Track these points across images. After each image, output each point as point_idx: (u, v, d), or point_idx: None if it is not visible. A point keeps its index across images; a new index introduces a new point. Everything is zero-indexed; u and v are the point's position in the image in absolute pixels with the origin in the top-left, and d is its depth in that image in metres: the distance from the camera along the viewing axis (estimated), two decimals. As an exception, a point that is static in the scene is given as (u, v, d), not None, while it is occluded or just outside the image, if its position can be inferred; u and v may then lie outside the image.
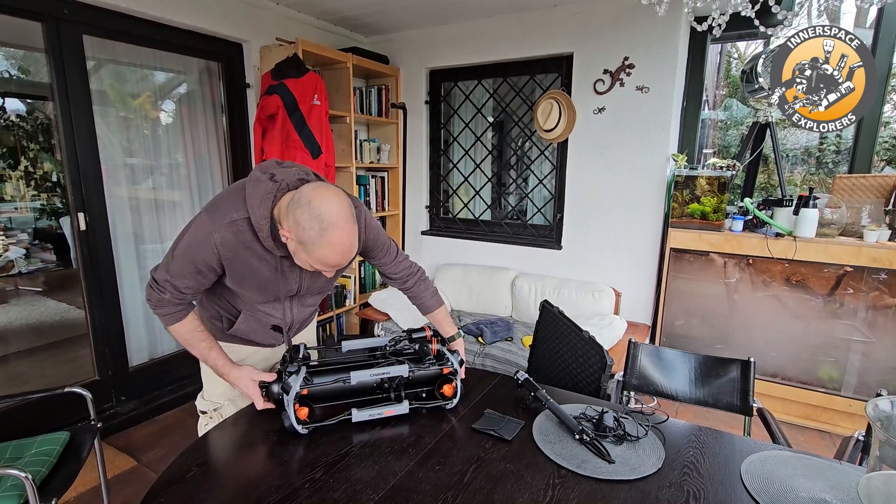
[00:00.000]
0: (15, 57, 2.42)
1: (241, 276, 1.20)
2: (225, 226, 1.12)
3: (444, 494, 1.00)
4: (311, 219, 1.03)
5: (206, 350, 1.28)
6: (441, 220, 3.87)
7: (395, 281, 1.49)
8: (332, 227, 1.03)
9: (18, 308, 2.64)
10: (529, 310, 3.18)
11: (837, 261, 2.41)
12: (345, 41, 3.53)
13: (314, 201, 1.03)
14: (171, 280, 1.17)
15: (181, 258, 1.15)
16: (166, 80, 2.84)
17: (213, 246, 1.13)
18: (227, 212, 1.13)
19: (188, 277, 1.17)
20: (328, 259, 1.08)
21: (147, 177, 2.76)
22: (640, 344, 1.84)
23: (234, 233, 1.13)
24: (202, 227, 1.13)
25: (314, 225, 1.03)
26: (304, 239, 1.05)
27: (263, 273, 1.21)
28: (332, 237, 1.04)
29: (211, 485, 1.05)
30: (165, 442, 2.46)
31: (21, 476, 1.37)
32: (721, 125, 3.71)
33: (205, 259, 1.14)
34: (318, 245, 1.04)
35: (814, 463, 1.11)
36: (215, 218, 1.13)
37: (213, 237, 1.12)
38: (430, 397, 1.35)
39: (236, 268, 1.18)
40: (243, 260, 1.17)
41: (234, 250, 1.15)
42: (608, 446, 1.15)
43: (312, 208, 1.03)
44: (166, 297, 1.19)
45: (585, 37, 2.95)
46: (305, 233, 1.04)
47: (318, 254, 1.06)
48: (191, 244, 1.14)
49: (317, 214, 1.03)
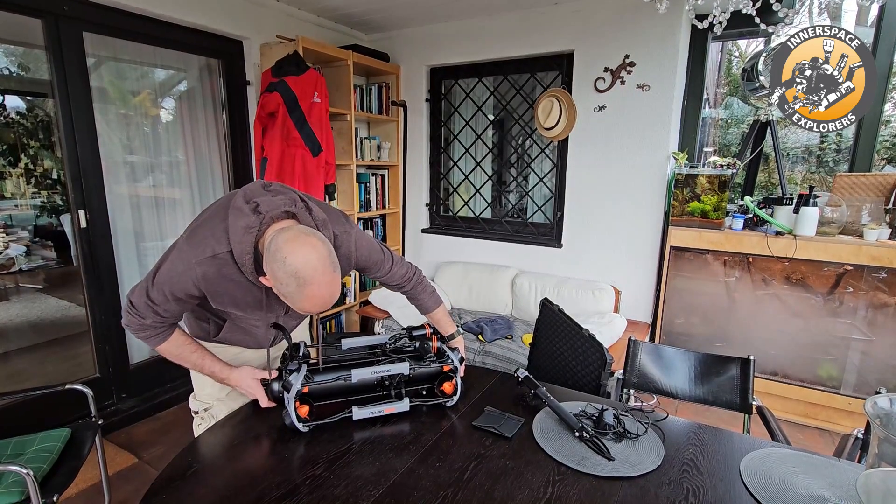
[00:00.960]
0: (15, 54, 2.42)
1: (224, 304, 1.18)
2: (206, 260, 1.09)
3: (444, 491, 1.00)
4: (286, 276, 0.99)
5: (198, 360, 1.27)
6: (441, 218, 3.87)
7: (392, 287, 1.49)
8: (308, 283, 1.00)
9: (19, 305, 2.64)
10: (529, 308, 3.19)
11: (837, 259, 2.41)
12: (345, 38, 3.52)
13: (289, 258, 0.99)
14: (152, 306, 1.14)
15: (161, 287, 1.12)
16: (166, 77, 2.84)
17: (193, 279, 1.10)
18: (208, 244, 1.09)
19: (169, 304, 1.14)
20: (310, 310, 1.07)
21: (147, 174, 2.76)
22: (639, 342, 1.84)
23: (217, 266, 1.10)
24: (182, 259, 1.10)
25: (291, 282, 1.00)
26: (283, 293, 1.03)
27: (248, 302, 1.20)
28: (309, 292, 1.01)
29: (212, 482, 1.05)
30: (166, 439, 2.46)
31: (22, 472, 1.38)
32: (722, 123, 3.71)
33: (185, 290, 1.12)
34: (296, 299, 1.03)
35: (813, 460, 1.11)
36: (196, 251, 1.09)
37: (194, 271, 1.09)
38: (430, 395, 1.36)
39: (219, 298, 1.16)
40: (226, 291, 1.15)
41: (215, 283, 1.12)
42: (608, 444, 1.15)
43: (287, 266, 0.99)
44: (147, 322, 1.17)
45: (586, 34, 2.94)
46: (284, 287, 1.02)
47: (298, 306, 1.05)
48: (171, 275, 1.11)
49: (292, 272, 0.99)
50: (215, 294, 1.14)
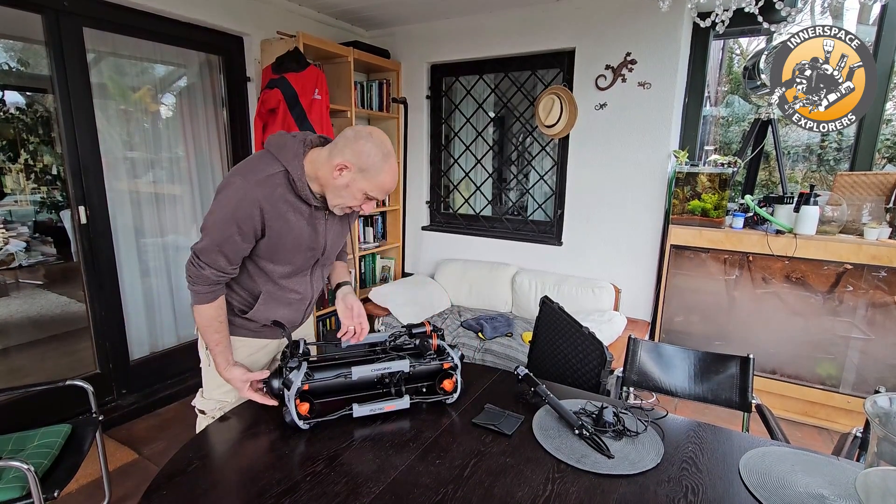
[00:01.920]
0: (14, 49, 2.41)
1: (278, 234, 1.25)
2: (263, 180, 1.19)
3: (444, 488, 1.00)
4: (375, 147, 1.18)
5: (216, 341, 1.30)
6: (441, 215, 3.86)
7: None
8: (390, 156, 1.21)
9: (19, 301, 2.64)
10: (529, 305, 3.19)
11: (837, 258, 2.41)
12: (346, 35, 3.51)
13: (374, 134, 1.19)
14: (213, 247, 1.20)
15: (223, 223, 1.18)
16: (166, 73, 2.83)
17: (255, 201, 1.17)
18: (262, 170, 1.20)
19: (229, 242, 1.20)
20: (387, 182, 1.22)
21: (147, 170, 2.75)
22: (639, 340, 1.84)
23: (273, 186, 1.20)
24: (241, 188, 1.17)
25: (378, 152, 1.18)
26: (367, 165, 1.18)
27: (299, 227, 1.27)
28: (391, 164, 1.22)
29: (212, 477, 1.05)
30: (166, 435, 2.47)
31: (23, 468, 1.38)
32: (723, 122, 3.70)
33: (247, 217, 1.18)
34: (381, 170, 1.19)
35: (812, 459, 1.11)
36: (250, 176, 1.18)
37: (254, 192, 1.17)
38: (430, 392, 1.36)
39: (275, 225, 1.23)
40: (281, 213, 1.22)
41: (274, 203, 1.20)
42: (607, 441, 1.16)
43: (374, 139, 1.18)
44: (206, 273, 1.22)
45: (587, 32, 2.94)
46: (371, 159, 1.17)
47: (379, 178, 1.20)
48: (231, 204, 1.17)
49: (379, 143, 1.19)
50: (273, 219, 1.21)
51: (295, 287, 1.38)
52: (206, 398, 1.46)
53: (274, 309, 1.38)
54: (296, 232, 1.27)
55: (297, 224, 1.26)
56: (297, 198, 1.24)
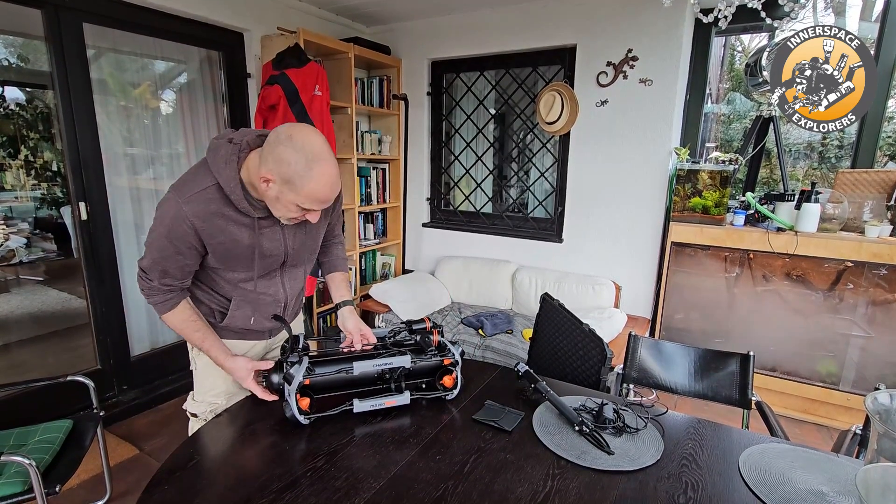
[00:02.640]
0: (14, 45, 2.40)
1: (223, 247, 1.18)
2: (194, 196, 1.10)
3: (444, 484, 1.00)
4: (295, 153, 1.01)
5: (200, 339, 1.27)
6: (442, 212, 3.86)
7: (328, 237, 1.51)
8: (317, 160, 1.02)
9: (20, 297, 2.65)
10: (530, 302, 3.19)
11: (838, 256, 2.41)
12: (346, 31, 3.50)
13: (294, 136, 1.02)
14: (155, 265, 1.15)
15: (158, 241, 1.13)
16: (167, 69, 2.82)
17: (185, 219, 1.10)
18: (193, 183, 1.11)
19: (169, 260, 1.15)
20: (318, 192, 1.05)
21: (148, 166, 2.75)
22: (639, 337, 1.84)
23: (205, 202, 1.11)
24: (172, 204, 1.11)
25: (300, 158, 1.01)
26: (289, 176, 1.02)
27: (244, 239, 1.18)
28: (320, 169, 1.03)
29: (213, 473, 1.05)
30: (167, 431, 2.47)
31: (25, 463, 1.39)
32: (724, 119, 3.69)
33: (182, 236, 1.12)
34: (306, 178, 1.02)
35: (811, 455, 1.11)
36: (182, 192, 1.11)
37: (183, 210, 1.09)
38: (430, 388, 1.36)
39: (216, 240, 1.15)
40: (220, 229, 1.14)
41: (208, 220, 1.12)
42: (607, 438, 1.16)
43: (294, 142, 1.01)
44: (154, 285, 1.18)
45: (589, 28, 2.93)
46: (291, 168, 1.01)
47: (307, 189, 1.04)
48: (164, 223, 1.12)
49: (300, 147, 1.01)
50: (211, 234, 1.14)
51: (264, 290, 1.32)
52: (197, 401, 1.43)
53: (249, 312, 1.33)
54: (243, 245, 1.19)
55: (241, 237, 1.18)
56: (236, 211, 1.14)
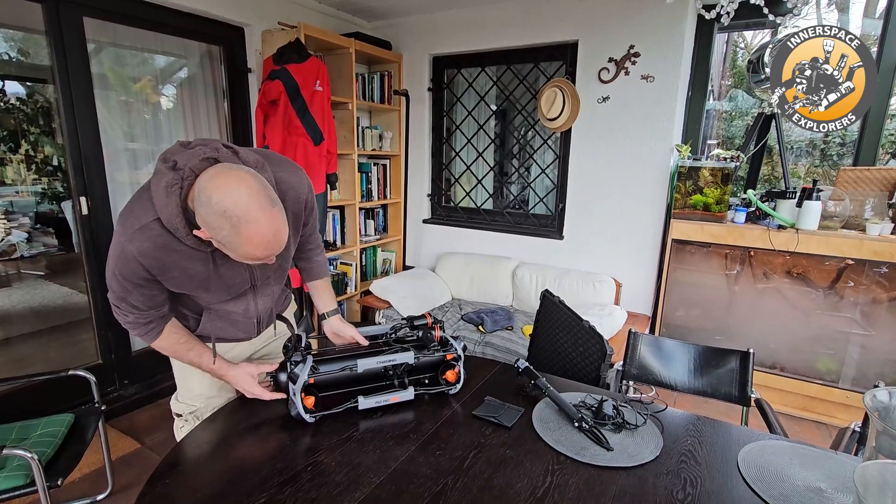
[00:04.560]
0: (15, 39, 2.39)
1: (177, 281, 1.09)
2: (136, 233, 0.99)
3: (444, 479, 1.01)
4: (217, 217, 0.89)
5: (196, 358, 1.23)
6: (443, 208, 3.86)
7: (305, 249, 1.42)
8: (245, 221, 0.90)
9: (21, 292, 2.64)
10: (530, 299, 3.19)
11: (839, 253, 2.41)
12: (347, 26, 3.49)
13: (214, 196, 0.89)
14: (122, 301, 1.09)
15: (115, 278, 1.05)
16: (167, 63, 2.82)
17: (133, 258, 1.01)
18: (136, 218, 1.00)
19: (132, 294, 1.07)
20: (253, 254, 0.96)
21: (149, 162, 2.75)
22: (639, 334, 1.85)
23: (148, 238, 1.00)
24: (117, 241, 1.02)
25: (224, 224, 0.90)
26: (220, 240, 0.94)
27: (199, 272, 1.09)
28: (246, 232, 0.91)
29: (214, 467, 1.06)
30: (168, 425, 2.47)
31: (27, 456, 1.40)
32: (726, 116, 3.68)
33: (134, 273, 1.03)
34: (236, 244, 0.93)
35: (810, 453, 1.12)
36: (125, 227, 1.00)
37: (128, 249, 1.00)
38: (432, 383, 1.36)
39: (168, 274, 1.06)
40: (171, 264, 1.04)
41: (156, 257, 1.02)
42: (607, 434, 1.16)
43: (214, 206, 0.89)
44: (130, 319, 1.12)
45: (591, 24, 2.91)
46: (218, 233, 0.92)
47: (241, 251, 0.95)
48: (114, 261, 1.03)
49: (221, 212, 0.89)
50: (162, 271, 1.05)
51: (234, 309, 1.26)
52: (179, 401, 1.43)
53: (221, 326, 1.28)
54: (200, 278, 1.10)
55: (196, 271, 1.08)
56: (185, 245, 1.02)
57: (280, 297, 1.42)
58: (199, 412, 1.38)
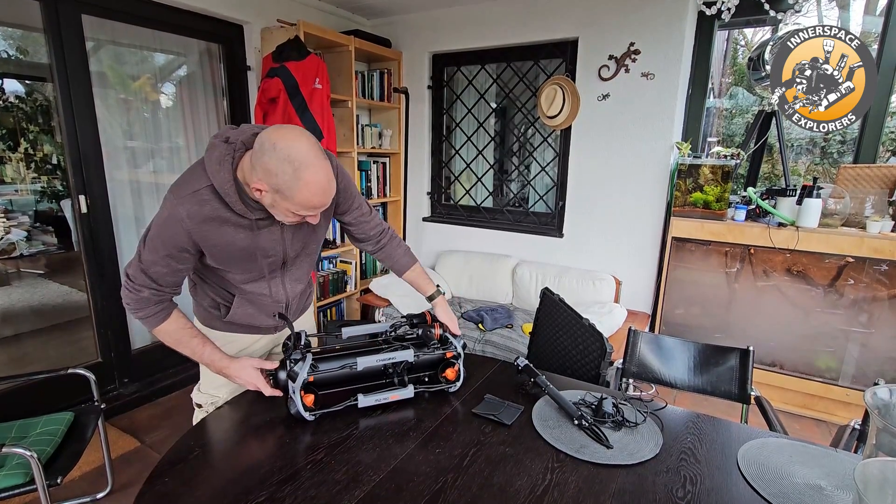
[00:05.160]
0: (13, 37, 2.39)
1: (219, 250, 1.15)
2: (188, 197, 1.08)
3: (443, 477, 1.01)
4: (280, 162, 0.98)
5: (198, 347, 1.23)
6: (442, 206, 3.85)
7: (368, 241, 1.45)
8: (304, 166, 0.99)
9: (21, 290, 2.64)
10: (530, 297, 3.19)
11: (839, 251, 2.41)
12: (346, 24, 3.48)
13: (279, 143, 0.98)
14: (146, 271, 1.11)
15: (151, 242, 1.10)
16: (166, 61, 2.81)
17: (180, 221, 1.08)
18: (188, 184, 1.09)
19: (161, 264, 1.11)
20: (310, 200, 1.03)
21: (148, 160, 2.75)
22: (639, 332, 1.85)
23: (199, 203, 1.08)
24: (167, 205, 1.10)
25: (286, 168, 0.98)
26: (279, 186, 1.00)
27: (240, 241, 1.16)
28: (308, 177, 1.00)
29: (214, 465, 1.06)
30: (168, 424, 2.49)
31: (27, 455, 1.39)
32: (726, 113, 3.68)
33: (175, 239, 1.09)
34: (296, 188, 1.00)
35: (810, 450, 1.12)
36: (177, 192, 1.09)
37: (178, 212, 1.08)
38: (432, 381, 1.36)
39: (211, 242, 1.13)
40: (216, 231, 1.12)
41: (203, 222, 1.10)
42: (607, 432, 1.16)
43: (278, 151, 0.98)
44: (144, 295, 1.13)
45: (591, 21, 2.91)
46: (279, 178, 0.99)
47: (299, 197, 1.02)
48: (159, 224, 1.10)
49: (285, 157, 0.98)
50: (206, 237, 1.11)
51: (262, 291, 1.31)
52: (202, 392, 1.46)
53: (251, 312, 1.33)
54: (238, 245, 1.16)
55: (237, 238, 1.15)
56: (232, 212, 1.11)
57: (303, 292, 1.45)
58: (220, 403, 1.39)
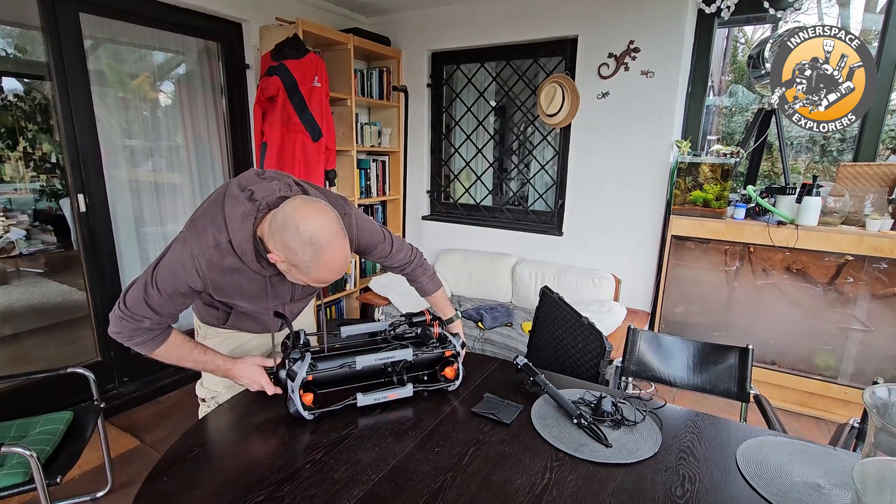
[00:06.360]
0: (11, 35, 2.38)
1: (229, 293, 1.17)
2: (210, 249, 1.07)
3: (442, 476, 1.01)
4: (302, 244, 0.99)
5: (201, 357, 1.24)
6: (442, 205, 3.85)
7: (394, 269, 1.50)
8: (325, 248, 1.00)
9: (20, 289, 2.64)
10: (529, 296, 3.19)
11: (839, 249, 2.41)
12: (345, 22, 3.47)
13: (301, 224, 0.98)
14: (150, 303, 1.10)
15: (162, 281, 1.08)
16: (165, 60, 2.80)
17: (197, 269, 1.08)
18: (210, 234, 1.08)
19: (169, 302, 1.11)
20: (327, 278, 1.06)
21: (147, 159, 2.74)
22: (639, 330, 1.85)
23: (220, 255, 1.08)
24: (186, 249, 1.08)
25: (307, 249, 0.99)
26: (297, 263, 1.02)
27: (252, 290, 1.19)
28: (327, 258, 1.01)
29: (213, 464, 1.06)
30: (167, 422, 2.49)
31: (26, 454, 1.40)
32: (726, 111, 3.67)
33: (189, 283, 1.09)
34: (314, 268, 1.02)
35: (808, 449, 1.12)
36: (199, 241, 1.08)
37: (197, 261, 1.07)
38: (431, 380, 1.36)
39: (224, 288, 1.15)
40: (230, 279, 1.13)
41: (219, 274, 1.11)
42: (606, 430, 1.16)
43: (301, 233, 0.98)
44: (144, 326, 1.12)
45: (591, 19, 2.90)
46: (298, 257, 1.00)
47: (314, 275, 1.04)
48: (174, 267, 1.08)
49: (307, 239, 0.98)
50: (219, 286, 1.13)
51: (263, 316, 1.35)
52: (204, 386, 1.48)
53: (248, 325, 1.38)
54: (248, 293, 1.19)
55: (251, 287, 1.18)
56: (247, 268, 1.12)
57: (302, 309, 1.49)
58: (220, 397, 1.44)
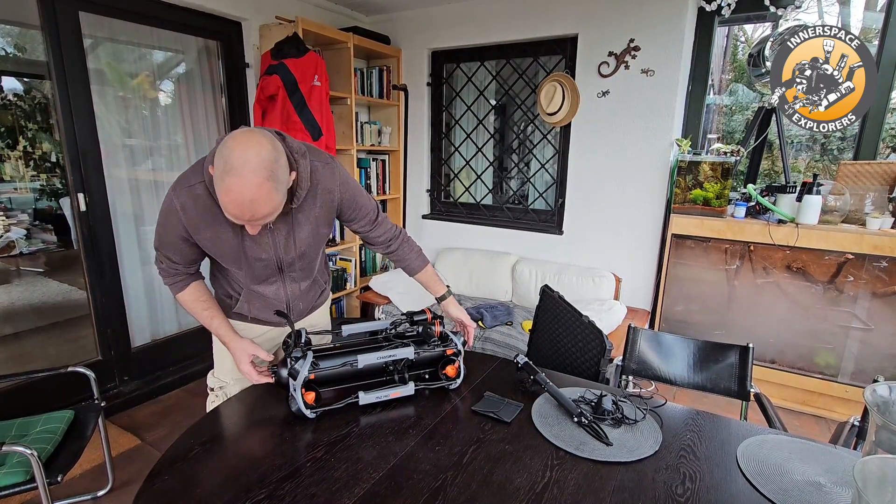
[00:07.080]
0: (11, 34, 2.38)
1: (210, 243, 1.22)
2: (184, 190, 1.15)
3: (443, 474, 1.01)
4: (219, 159, 0.96)
5: (208, 318, 1.33)
6: (442, 203, 3.85)
7: (378, 246, 1.47)
8: (232, 173, 0.94)
9: (20, 288, 2.64)
10: (530, 294, 3.19)
11: (839, 248, 2.41)
12: (345, 20, 3.47)
13: (229, 142, 0.96)
14: (158, 248, 1.25)
15: (158, 229, 1.22)
16: (165, 59, 2.80)
17: (176, 211, 1.15)
18: (186, 178, 1.16)
19: (169, 248, 1.23)
20: (226, 206, 0.99)
21: (146, 158, 2.74)
22: (639, 329, 1.85)
23: (193, 197, 1.14)
24: (167, 197, 1.18)
25: (219, 164, 0.96)
26: (213, 177, 1.00)
27: (227, 239, 1.21)
28: (230, 183, 0.95)
29: (214, 463, 1.06)
30: (168, 421, 2.49)
31: (27, 453, 1.40)
32: (726, 110, 3.67)
33: (173, 227, 1.18)
34: (219, 188, 0.98)
35: (809, 447, 1.12)
36: (176, 185, 1.16)
37: (174, 203, 1.15)
38: (432, 378, 1.36)
39: (201, 234, 1.20)
40: (206, 225, 1.18)
41: (195, 214, 1.16)
42: (606, 429, 1.16)
43: (224, 148, 0.96)
44: (163, 267, 1.28)
45: (591, 18, 2.90)
46: (214, 172, 0.98)
47: (220, 199, 0.99)
48: (161, 213, 1.19)
49: (226, 156, 0.95)
50: (196, 229, 1.18)
51: (265, 292, 1.37)
52: (214, 376, 1.51)
53: (258, 307, 1.40)
54: (226, 244, 1.22)
55: (224, 236, 1.20)
56: (219, 209, 1.10)
57: (309, 291, 1.46)
58: (228, 389, 1.48)
